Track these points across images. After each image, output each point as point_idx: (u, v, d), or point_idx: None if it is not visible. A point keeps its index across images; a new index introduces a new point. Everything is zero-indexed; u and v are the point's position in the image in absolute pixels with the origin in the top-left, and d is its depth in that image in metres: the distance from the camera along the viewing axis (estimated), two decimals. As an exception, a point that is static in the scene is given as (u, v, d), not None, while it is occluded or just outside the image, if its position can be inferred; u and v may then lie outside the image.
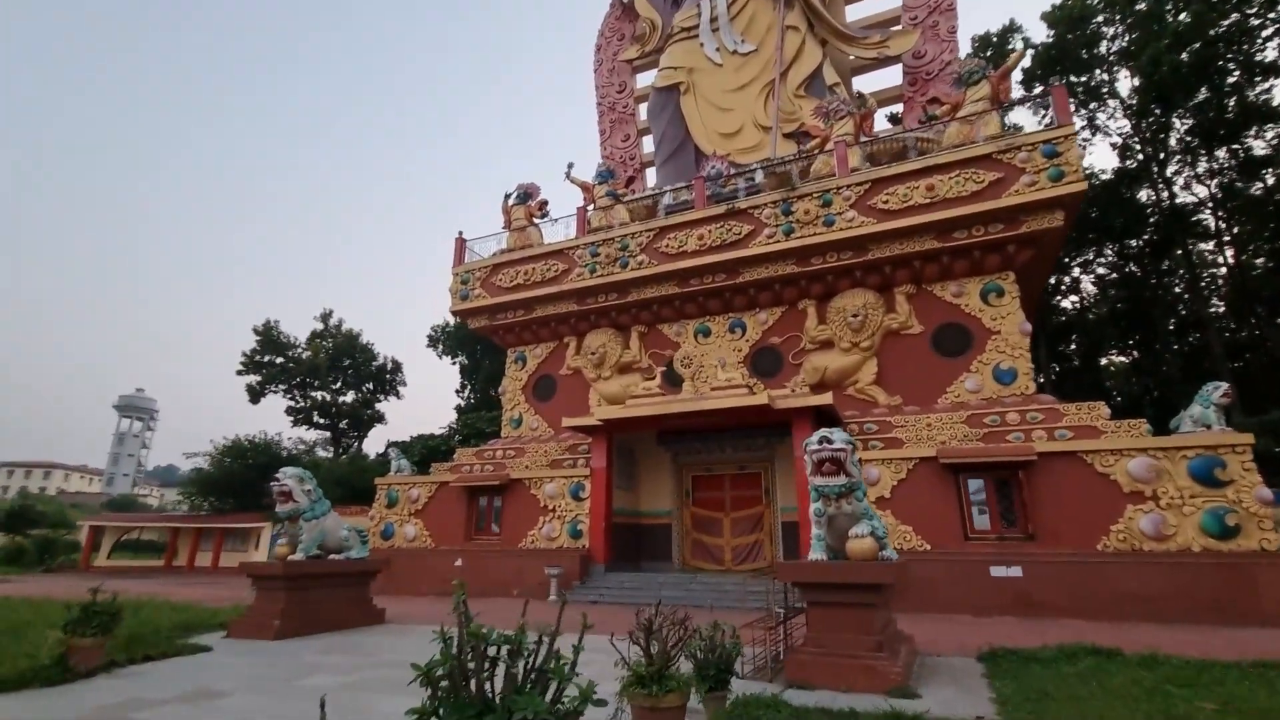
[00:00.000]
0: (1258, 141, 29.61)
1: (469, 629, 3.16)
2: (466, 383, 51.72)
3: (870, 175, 16.03)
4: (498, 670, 3.15)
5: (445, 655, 3.07)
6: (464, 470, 18.80)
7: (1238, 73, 25.97)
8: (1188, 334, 35.10)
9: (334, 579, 11.02)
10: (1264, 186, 32.20)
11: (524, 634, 3.29)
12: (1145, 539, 11.09)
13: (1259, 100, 27.29)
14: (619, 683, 5.20)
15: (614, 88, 29.28)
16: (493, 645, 3.17)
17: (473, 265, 21.34)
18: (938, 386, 15.41)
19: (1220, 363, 28.38)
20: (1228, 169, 31.10)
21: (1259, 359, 31.63)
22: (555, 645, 3.36)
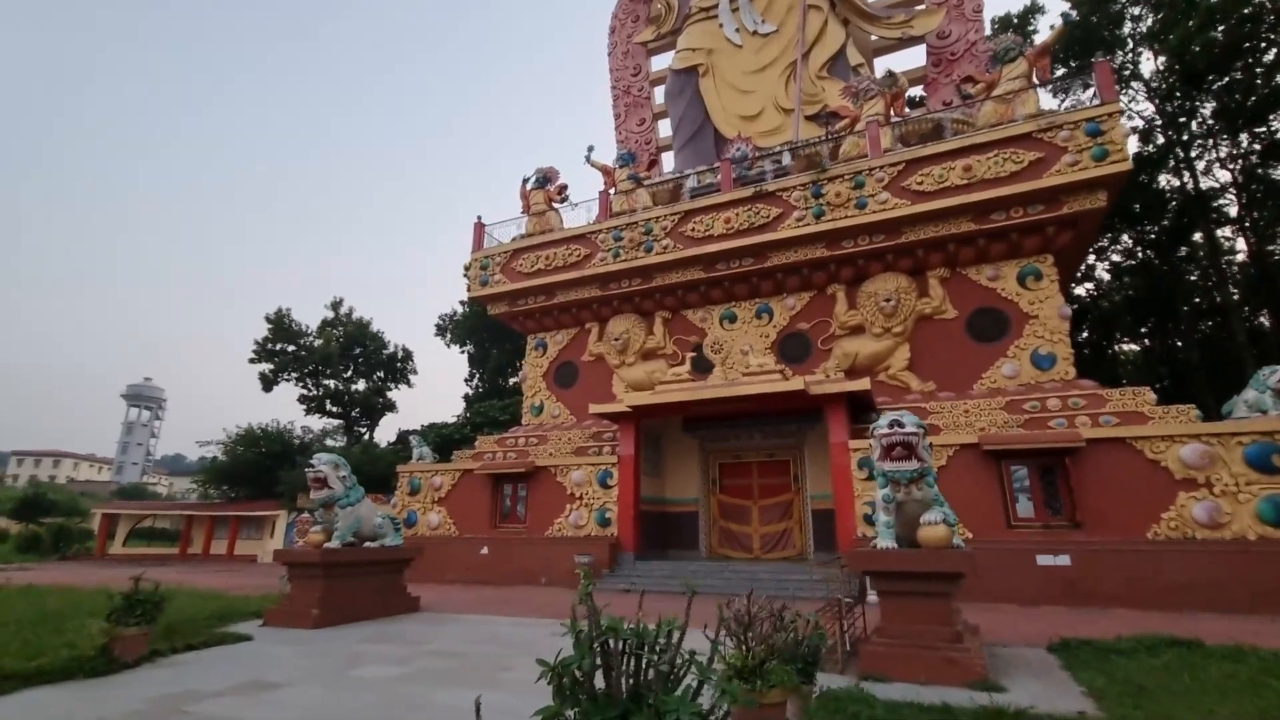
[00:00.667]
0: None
1: (604, 623, 2.91)
2: (475, 371, 51.60)
3: (904, 156, 15.64)
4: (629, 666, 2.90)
5: (582, 650, 2.81)
6: (486, 458, 18.59)
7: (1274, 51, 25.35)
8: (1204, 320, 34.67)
9: (370, 567, 10.83)
10: (1288, 171, 31.67)
11: (653, 628, 3.04)
12: (1198, 527, 10.82)
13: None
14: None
15: (628, 71, 28.78)
16: (624, 639, 2.91)
17: (492, 250, 21.02)
18: (973, 372, 15.11)
19: (1244, 350, 27.98)
20: (1250, 153, 30.53)
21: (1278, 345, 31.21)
22: (684, 640, 3.11)
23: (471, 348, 50.27)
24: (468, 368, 51.70)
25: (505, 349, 48.99)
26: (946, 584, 6.35)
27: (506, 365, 51.03)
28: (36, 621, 8.95)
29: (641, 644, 3.01)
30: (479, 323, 47.51)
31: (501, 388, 48.45)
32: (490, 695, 5.77)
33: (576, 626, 2.95)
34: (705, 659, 3.09)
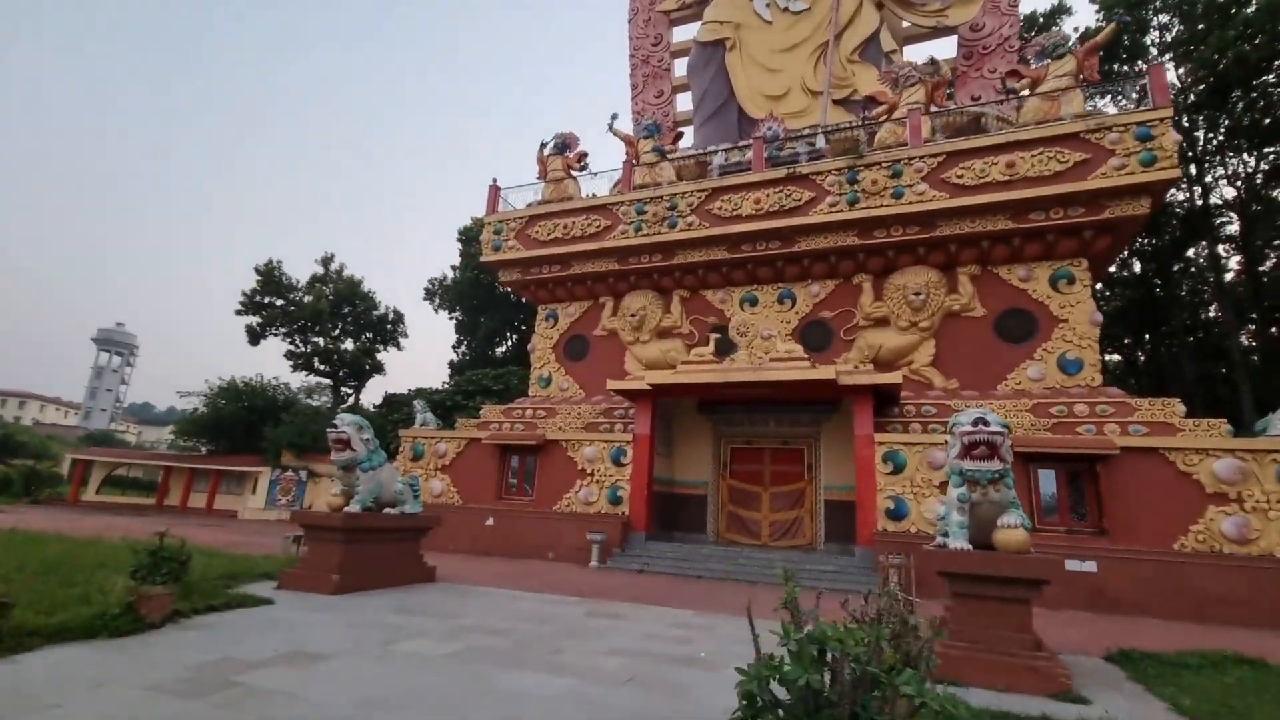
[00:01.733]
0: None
1: (816, 633, 2.59)
2: (463, 339, 50.83)
3: (946, 147, 15.32)
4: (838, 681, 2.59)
5: (802, 661, 2.48)
6: (494, 428, 18.17)
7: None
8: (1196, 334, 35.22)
9: (390, 534, 10.44)
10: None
11: (862, 633, 2.73)
12: (1226, 541, 10.88)
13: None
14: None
15: (649, 40, 27.93)
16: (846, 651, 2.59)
17: (507, 215, 20.35)
18: (998, 372, 15.01)
19: (1239, 367, 28.47)
20: (1257, 173, 30.79)
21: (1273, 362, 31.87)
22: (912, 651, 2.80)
23: (460, 314, 49.46)
24: (455, 335, 50.95)
25: (496, 318, 48.26)
26: (1028, 590, 6.16)
27: (496, 334, 50.35)
28: (41, 572, 8.44)
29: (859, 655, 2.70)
30: (469, 289, 46.65)
31: (490, 357, 47.81)
32: (558, 681, 5.50)
33: (790, 632, 2.62)
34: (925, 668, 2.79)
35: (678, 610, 9.30)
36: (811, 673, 2.38)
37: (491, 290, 47.57)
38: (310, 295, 38.21)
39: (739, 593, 11.42)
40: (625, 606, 9.39)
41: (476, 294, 47.49)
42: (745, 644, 7.35)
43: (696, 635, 7.71)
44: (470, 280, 47.03)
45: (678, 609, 9.42)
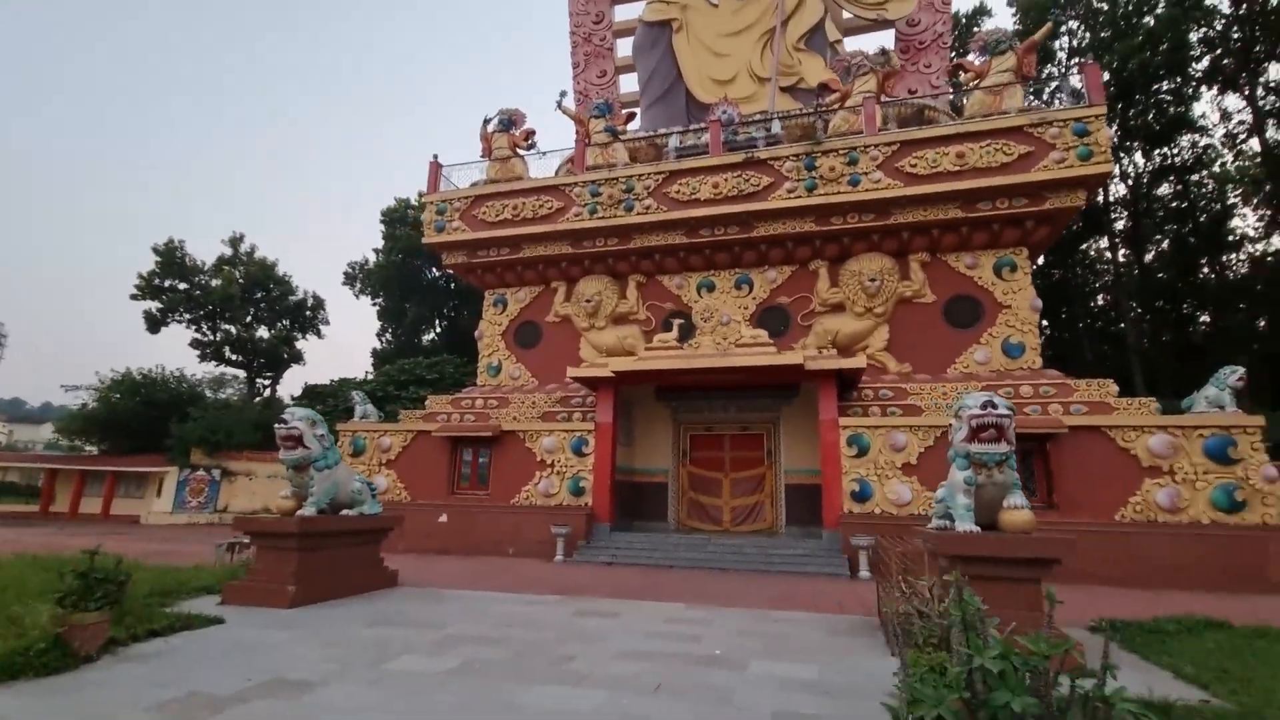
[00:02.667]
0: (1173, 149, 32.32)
1: (994, 654, 2.31)
2: (388, 326, 48.53)
3: (899, 136, 15.62)
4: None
5: (1010, 684, 2.20)
6: (442, 419, 17.22)
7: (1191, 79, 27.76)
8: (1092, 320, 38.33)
9: (349, 537, 9.57)
10: (1171, 191, 35.33)
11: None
12: (1160, 511, 11.72)
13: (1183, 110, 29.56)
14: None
15: (590, 17, 27.13)
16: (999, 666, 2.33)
17: (450, 194, 19.22)
18: (948, 356, 15.57)
19: (1132, 355, 31.16)
20: (1144, 173, 33.66)
21: (1160, 350, 35.13)
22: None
23: (384, 300, 47.12)
24: (378, 322, 48.48)
25: (423, 304, 46.29)
26: (1039, 569, 6.26)
27: (424, 322, 48.31)
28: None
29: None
30: (394, 274, 44.48)
31: (418, 345, 45.84)
32: (585, 695, 5.05)
33: (982, 649, 2.32)
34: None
35: (667, 604, 9.01)
36: (1019, 695, 2.10)
37: (418, 275, 45.46)
38: (218, 279, 35.07)
39: (716, 582, 11.30)
40: (611, 603, 9.01)
41: (402, 279, 45.29)
42: (752, 637, 7.16)
43: (699, 630, 7.45)
44: (395, 264, 44.77)
45: (666, 603, 9.14)
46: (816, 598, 9.76)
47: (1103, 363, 34.78)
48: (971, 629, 2.55)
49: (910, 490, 13.00)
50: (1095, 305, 39.09)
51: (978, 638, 2.40)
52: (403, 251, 43.96)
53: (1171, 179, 34.76)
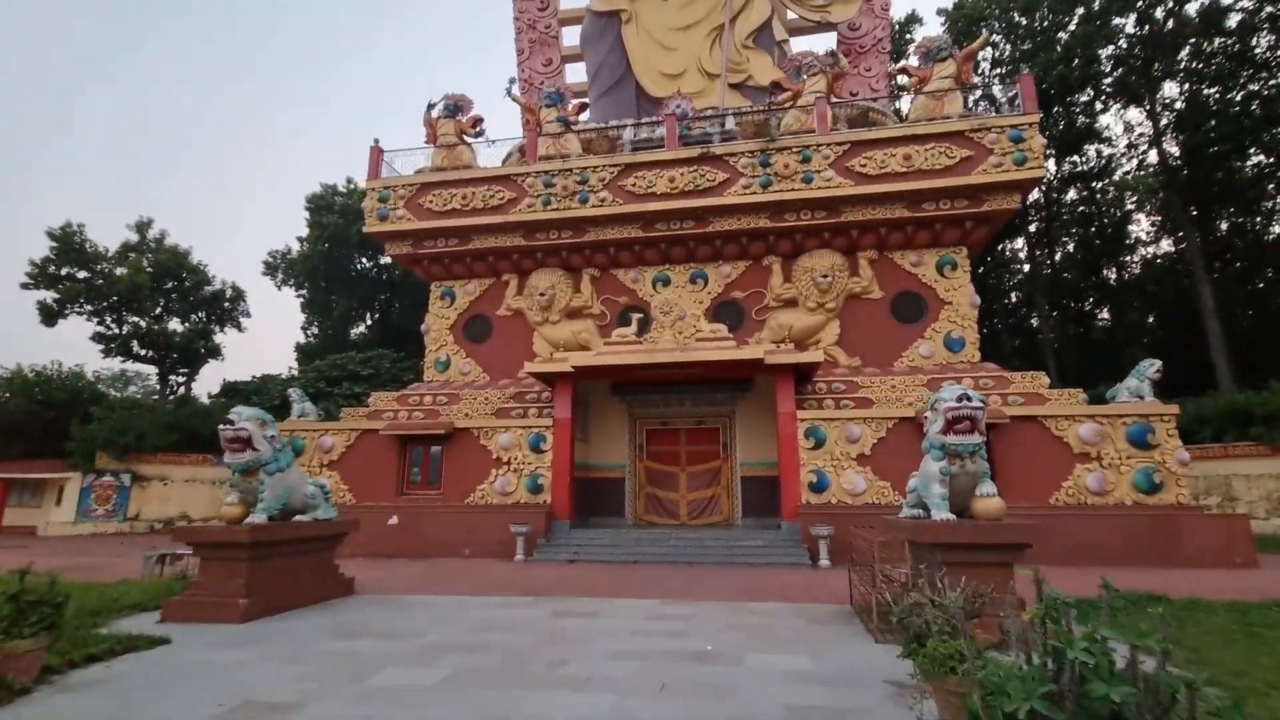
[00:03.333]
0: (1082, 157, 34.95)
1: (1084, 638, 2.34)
2: (313, 319, 46.22)
3: (850, 137, 16.08)
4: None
5: (1102, 672, 2.22)
6: (388, 417, 16.48)
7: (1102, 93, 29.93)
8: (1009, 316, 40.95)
9: (303, 544, 8.98)
10: (1077, 197, 38.18)
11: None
12: (1089, 494, 12.61)
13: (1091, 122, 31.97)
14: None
15: (535, 3, 26.58)
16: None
17: (395, 181, 18.37)
18: (895, 350, 16.19)
19: (1046, 348, 33.49)
20: (1055, 177, 36.14)
21: (1068, 344, 37.92)
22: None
23: (308, 292, 44.80)
24: (302, 314, 46.07)
25: (352, 296, 44.34)
26: (1012, 554, 6.57)
27: (354, 314, 46.29)
28: None
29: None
30: (320, 264, 42.35)
31: (348, 339, 43.88)
32: (590, 700, 4.90)
33: (1087, 640, 2.34)
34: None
35: (643, 601, 8.94)
36: (1116, 685, 2.13)
37: (347, 266, 43.42)
38: (123, 267, 32.22)
39: (684, 576, 11.33)
40: (586, 602, 8.86)
41: (329, 269, 43.16)
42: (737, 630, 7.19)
43: (683, 626, 7.42)
44: (322, 254, 42.59)
45: (641, 599, 9.06)
46: (786, 588, 9.93)
47: (1019, 356, 37.26)
48: (1055, 620, 2.59)
49: (865, 480, 13.46)
50: (1009, 302, 41.81)
51: (1065, 630, 2.44)
52: (330, 240, 41.85)
53: (1078, 185, 37.54)
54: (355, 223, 42.29)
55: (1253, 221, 32.68)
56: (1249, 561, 11.50)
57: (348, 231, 41.98)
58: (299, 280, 44.84)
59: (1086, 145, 34.24)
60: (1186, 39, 28.45)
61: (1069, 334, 39.87)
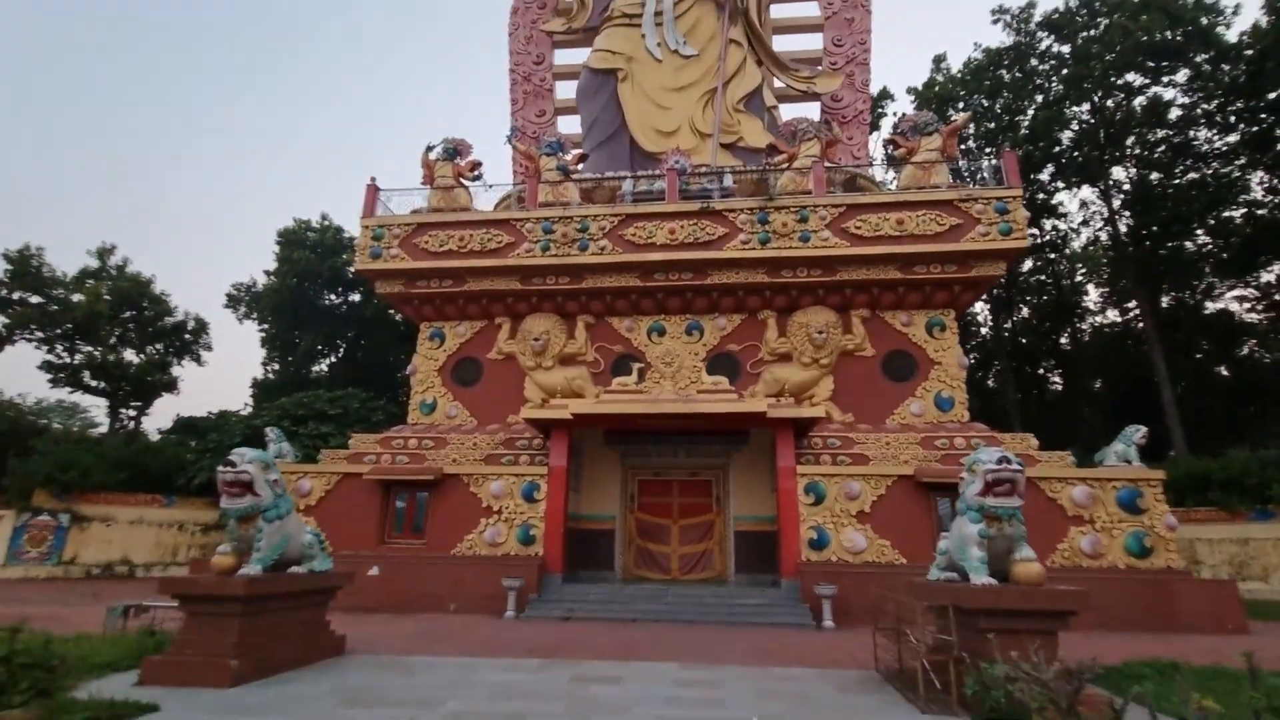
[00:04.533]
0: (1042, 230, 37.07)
1: None
2: (274, 355, 44.80)
3: (847, 199, 16.68)
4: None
5: None
6: (370, 460, 15.79)
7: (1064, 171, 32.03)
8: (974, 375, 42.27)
9: (299, 599, 8.34)
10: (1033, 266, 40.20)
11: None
12: (1084, 556, 12.79)
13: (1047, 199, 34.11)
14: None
15: (530, 58, 27.33)
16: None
17: (389, 220, 18.16)
18: (887, 408, 16.43)
19: (1011, 408, 34.61)
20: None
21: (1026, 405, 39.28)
22: None
23: (271, 327, 43.54)
24: (263, 349, 44.58)
25: (317, 333, 43.20)
26: (1056, 621, 6.51)
27: (319, 351, 45.05)
28: None
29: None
30: (288, 299, 41.30)
31: (309, 376, 42.51)
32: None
33: None
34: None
35: (661, 664, 8.52)
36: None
37: (313, 302, 42.43)
38: (80, 294, 30.72)
39: (688, 635, 10.92)
40: (601, 666, 8.40)
41: (296, 305, 42.07)
42: (773, 698, 6.94)
43: (715, 693, 7.08)
44: (290, 289, 41.58)
45: (658, 662, 8.64)
46: (801, 651, 9.64)
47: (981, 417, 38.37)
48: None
49: (865, 538, 13.38)
50: (970, 361, 43.33)
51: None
52: (299, 275, 40.97)
53: (1035, 256, 39.67)
54: (327, 259, 41.65)
55: (1194, 296, 34.90)
56: (1240, 627, 11.74)
57: (319, 267, 41.26)
58: (262, 314, 43.64)
59: (1045, 219, 36.38)
60: (1134, 128, 30.86)
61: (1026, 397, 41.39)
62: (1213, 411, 34.01)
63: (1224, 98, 28.40)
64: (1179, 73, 29.38)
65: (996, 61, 32.97)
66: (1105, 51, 28.59)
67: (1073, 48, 30.65)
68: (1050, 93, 31.15)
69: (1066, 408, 40.43)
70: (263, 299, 43.42)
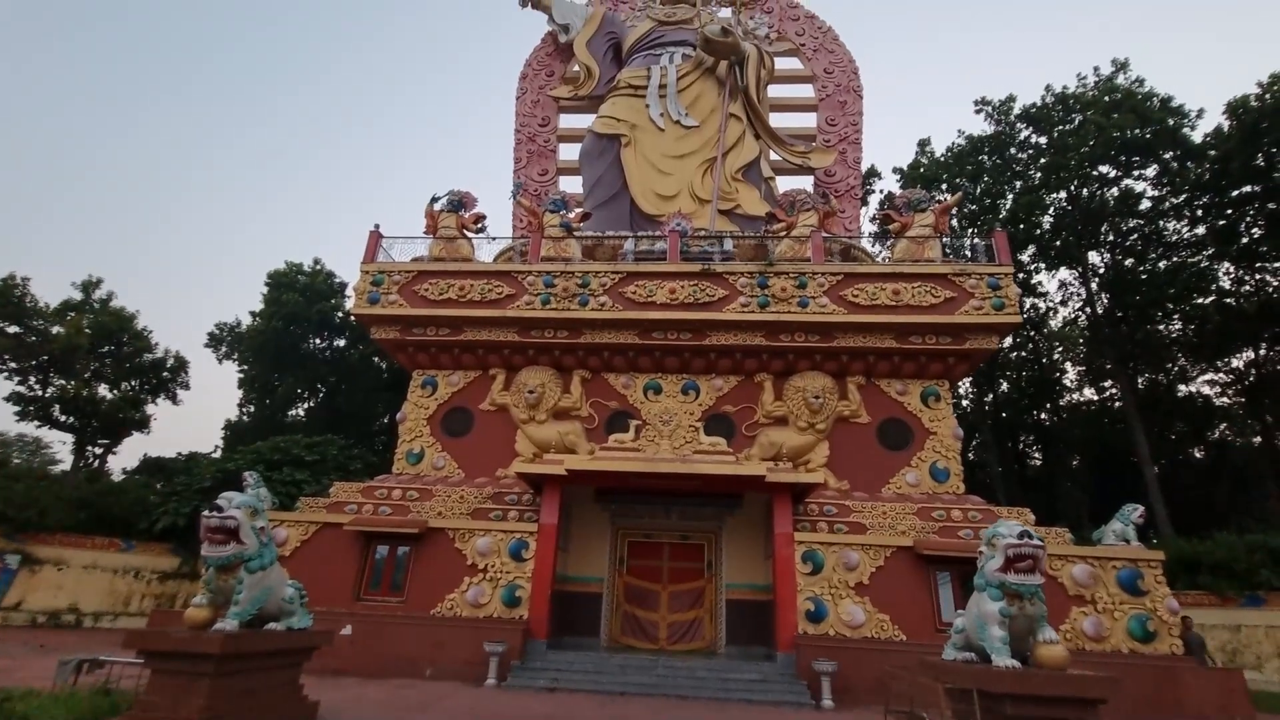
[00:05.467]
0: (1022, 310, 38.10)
1: None
2: (251, 397, 43.98)
3: (845, 269, 17.06)
4: None
5: None
6: (350, 509, 15.18)
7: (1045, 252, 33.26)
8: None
9: (276, 659, 7.77)
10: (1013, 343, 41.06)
11: None
12: (1087, 639, 12.48)
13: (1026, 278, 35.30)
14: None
15: (536, 120, 28.28)
16: None
17: (391, 266, 18.15)
18: (882, 476, 16.29)
19: (997, 482, 34.66)
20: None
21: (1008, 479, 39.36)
22: None
23: (251, 368, 42.90)
24: (239, 390, 43.70)
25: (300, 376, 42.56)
26: (1086, 710, 6.23)
27: (299, 396, 44.28)
28: None
29: None
30: (271, 341, 40.82)
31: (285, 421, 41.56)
32: None
33: None
34: None
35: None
36: None
37: (296, 345, 41.97)
38: (60, 326, 30.00)
39: (685, 711, 10.33)
40: (596, 743, 7.85)
41: (280, 348, 41.56)
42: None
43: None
44: (275, 331, 41.16)
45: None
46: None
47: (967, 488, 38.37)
48: None
49: (864, 611, 12.98)
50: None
51: None
52: (285, 318, 40.64)
53: (1015, 334, 40.66)
54: (316, 303, 41.46)
55: (1168, 378, 35.80)
56: (1249, 718, 11.40)
57: (308, 311, 41.05)
58: (244, 355, 43.07)
59: (1025, 297, 37.51)
60: (1108, 216, 32.37)
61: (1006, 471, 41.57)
62: (1190, 492, 34.34)
63: (1190, 193, 29.99)
64: (1149, 168, 31.11)
65: (978, 148, 34.71)
66: (1080, 145, 30.24)
67: (1050, 139, 32.41)
68: (1029, 179, 32.71)
69: (1047, 484, 40.65)
70: (245, 340, 42.96)
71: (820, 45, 27.85)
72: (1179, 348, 33.75)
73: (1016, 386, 42.30)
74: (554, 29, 28.93)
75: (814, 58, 27.63)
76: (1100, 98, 30.54)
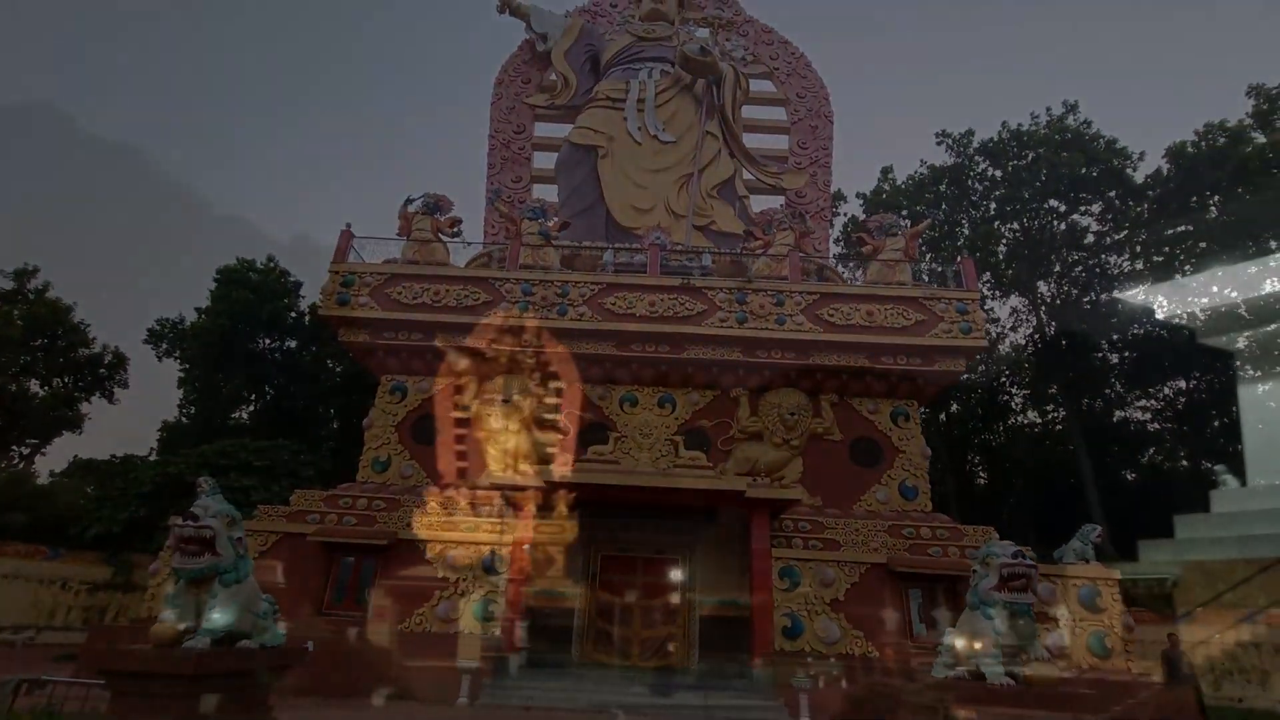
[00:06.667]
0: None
1: None
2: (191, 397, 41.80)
3: (821, 288, 17.41)
4: None
5: None
6: (312, 519, 14.53)
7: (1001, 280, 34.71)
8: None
9: (245, 678, 7.29)
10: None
11: None
12: (1051, 655, 12.87)
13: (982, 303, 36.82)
14: None
15: (511, 127, 28.06)
16: None
17: (362, 267, 17.60)
18: (854, 493, 16.57)
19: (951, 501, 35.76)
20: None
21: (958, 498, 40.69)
22: None
23: (194, 367, 40.80)
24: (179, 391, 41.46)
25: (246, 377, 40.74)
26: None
27: (244, 398, 42.36)
28: None
29: None
30: (218, 340, 38.98)
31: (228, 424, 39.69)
32: None
33: None
34: None
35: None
36: None
37: (247, 345, 40.20)
38: (-10, 316, 27.99)
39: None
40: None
41: (228, 348, 39.69)
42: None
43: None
44: (223, 329, 39.30)
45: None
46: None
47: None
48: None
49: (839, 628, 13.11)
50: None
51: None
52: (234, 316, 38.86)
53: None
54: (269, 301, 39.79)
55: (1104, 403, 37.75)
56: (1198, 732, 11.96)
57: (259, 310, 39.33)
58: (186, 353, 40.90)
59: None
60: (1056, 248, 34.09)
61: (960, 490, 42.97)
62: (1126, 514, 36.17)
63: (1130, 229, 31.89)
64: (1095, 204, 32.96)
65: (938, 178, 36.14)
66: (1033, 180, 31.83)
67: (1004, 173, 34.02)
68: (985, 209, 34.21)
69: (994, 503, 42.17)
70: (191, 338, 40.83)
71: (793, 70, 28.53)
72: (1115, 375, 35.66)
73: (965, 406, 43.78)
74: (531, 37, 28.79)
75: (787, 82, 28.26)
76: (1052, 135, 32.25)
